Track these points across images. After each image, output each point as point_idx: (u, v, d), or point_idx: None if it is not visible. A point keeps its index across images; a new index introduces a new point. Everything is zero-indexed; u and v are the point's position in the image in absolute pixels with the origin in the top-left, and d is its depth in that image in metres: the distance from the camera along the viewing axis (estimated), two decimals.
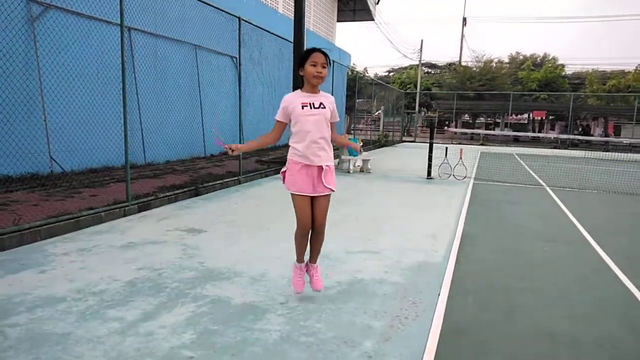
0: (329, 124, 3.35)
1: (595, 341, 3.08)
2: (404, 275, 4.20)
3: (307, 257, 3.59)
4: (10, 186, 6.65)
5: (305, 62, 3.23)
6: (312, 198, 3.33)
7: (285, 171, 3.37)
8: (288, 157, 3.36)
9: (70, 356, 2.61)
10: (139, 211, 6.30)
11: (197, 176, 8.91)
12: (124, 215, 6.03)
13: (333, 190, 3.34)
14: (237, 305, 3.39)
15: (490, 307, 3.59)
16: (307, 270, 3.58)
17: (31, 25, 7.40)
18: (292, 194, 3.32)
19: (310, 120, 3.24)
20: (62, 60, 7.93)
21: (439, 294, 3.77)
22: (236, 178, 8.98)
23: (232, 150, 3.26)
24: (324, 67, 3.23)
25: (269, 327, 3.06)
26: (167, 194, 7.03)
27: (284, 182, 3.40)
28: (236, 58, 9.89)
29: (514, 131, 33.41)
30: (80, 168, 8.40)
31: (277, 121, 3.37)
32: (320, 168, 3.28)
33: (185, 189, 7.49)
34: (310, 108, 3.25)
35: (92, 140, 8.51)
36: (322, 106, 3.29)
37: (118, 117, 6.19)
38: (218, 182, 8.43)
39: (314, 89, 3.32)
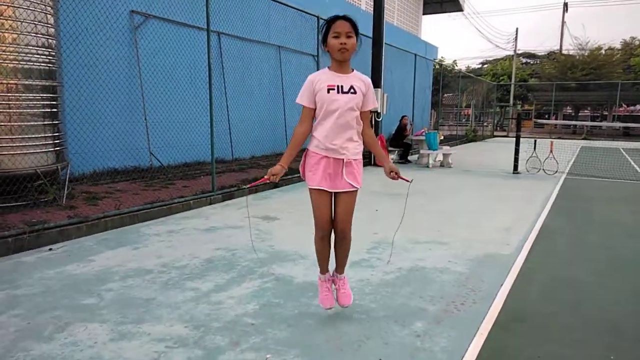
0: (359, 112, 2.79)
1: None
2: (467, 265, 4.18)
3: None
4: (115, 177, 7.56)
5: (327, 35, 2.69)
6: (334, 196, 2.86)
7: (304, 164, 2.91)
8: (307, 147, 2.90)
9: (151, 317, 3.02)
10: (223, 200, 6.84)
11: None
12: (210, 204, 6.60)
13: (356, 188, 2.83)
14: (298, 284, 3.64)
15: (554, 299, 3.47)
16: (333, 282, 3.11)
17: (133, 34, 8.31)
18: (309, 189, 2.86)
19: (337, 106, 2.71)
20: (159, 64, 8.80)
21: (501, 284, 3.72)
22: None
23: (273, 175, 2.78)
24: (349, 37, 2.65)
25: None
26: (249, 185, 7.52)
27: (303, 178, 2.96)
28: (316, 56, 10.22)
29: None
30: (175, 162, 9.24)
31: (304, 107, 2.81)
32: (343, 162, 2.78)
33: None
34: (338, 92, 2.71)
35: (186, 137, 9.33)
36: (352, 90, 2.73)
37: (208, 116, 6.77)
38: (296, 175, 8.81)
39: (342, 67, 2.76)
